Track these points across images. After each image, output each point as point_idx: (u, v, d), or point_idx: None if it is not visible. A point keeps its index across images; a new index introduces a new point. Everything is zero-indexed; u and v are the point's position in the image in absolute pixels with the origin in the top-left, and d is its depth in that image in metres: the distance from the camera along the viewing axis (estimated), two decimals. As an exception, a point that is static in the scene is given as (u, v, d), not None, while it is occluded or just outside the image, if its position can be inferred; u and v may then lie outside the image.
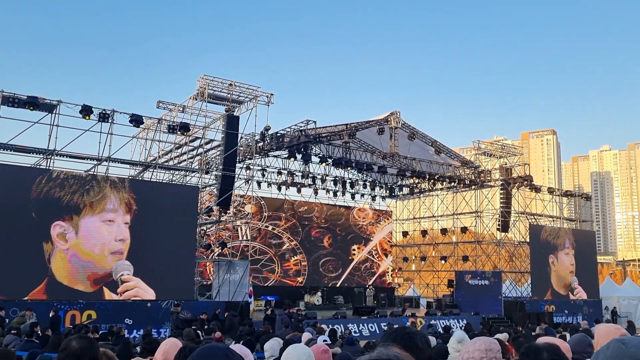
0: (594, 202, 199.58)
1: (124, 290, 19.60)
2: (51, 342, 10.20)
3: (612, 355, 2.09)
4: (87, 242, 19.29)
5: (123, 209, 20.10)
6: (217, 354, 1.99)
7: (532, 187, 32.65)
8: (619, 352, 2.08)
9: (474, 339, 3.43)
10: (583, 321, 24.83)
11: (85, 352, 3.08)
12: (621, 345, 2.10)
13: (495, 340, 3.51)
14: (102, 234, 19.64)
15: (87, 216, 19.35)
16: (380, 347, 1.69)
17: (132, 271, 19.94)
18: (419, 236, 38.58)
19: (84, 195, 19.34)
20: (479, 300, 29.83)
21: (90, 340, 3.19)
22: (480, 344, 3.29)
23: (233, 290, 22.48)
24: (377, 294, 32.01)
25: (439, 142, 30.46)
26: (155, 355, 4.44)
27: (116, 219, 19.96)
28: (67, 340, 3.15)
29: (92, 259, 19.31)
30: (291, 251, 32.92)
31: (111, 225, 19.80)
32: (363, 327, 23.34)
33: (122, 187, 20.33)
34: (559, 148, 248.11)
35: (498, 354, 3.29)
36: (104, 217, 19.71)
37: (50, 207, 18.86)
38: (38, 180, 18.80)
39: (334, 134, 27.42)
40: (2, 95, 18.86)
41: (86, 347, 3.10)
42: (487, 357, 3.21)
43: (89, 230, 19.37)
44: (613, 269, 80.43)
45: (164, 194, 21.49)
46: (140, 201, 20.55)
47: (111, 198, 19.88)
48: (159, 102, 26.03)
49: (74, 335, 3.24)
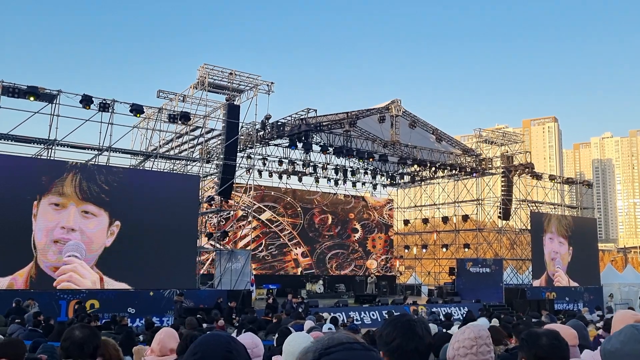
0: (595, 190, 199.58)
1: (60, 274, 18.56)
2: (55, 331, 10.27)
3: (624, 340, 2.14)
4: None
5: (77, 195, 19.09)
6: (218, 342, 2.00)
7: (533, 174, 32.62)
8: (632, 337, 2.13)
9: (462, 327, 3.44)
10: (584, 308, 24.94)
11: (88, 340, 3.13)
12: (634, 331, 2.14)
13: (484, 326, 3.51)
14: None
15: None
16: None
17: (82, 254, 18.91)
18: (420, 224, 38.64)
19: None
20: (480, 288, 29.95)
21: (92, 330, 3.24)
22: (469, 332, 3.30)
23: (235, 279, 22.58)
24: (379, 282, 32.11)
25: (440, 130, 30.40)
26: (151, 345, 4.48)
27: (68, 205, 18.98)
28: (70, 330, 3.19)
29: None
30: (292, 239, 32.98)
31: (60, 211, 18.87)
32: (365, 315, 23.44)
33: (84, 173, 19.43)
34: (561, 135, 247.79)
35: (488, 340, 3.30)
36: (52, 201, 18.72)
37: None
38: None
39: (335, 123, 27.37)
40: (2, 85, 18.81)
41: (89, 335, 3.14)
42: (477, 344, 3.22)
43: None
44: (614, 256, 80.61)
45: (165, 183, 21.50)
46: (141, 190, 20.55)
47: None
48: (160, 91, 26.01)
49: (77, 325, 3.27)
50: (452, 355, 3.29)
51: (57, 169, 19.13)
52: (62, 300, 18.15)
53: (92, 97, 20.13)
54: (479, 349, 3.23)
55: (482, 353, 3.23)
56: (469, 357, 3.21)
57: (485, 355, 3.23)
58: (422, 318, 3.06)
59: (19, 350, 4.41)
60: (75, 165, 19.54)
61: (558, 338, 2.95)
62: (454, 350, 3.28)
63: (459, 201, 35.95)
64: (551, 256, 32.04)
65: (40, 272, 18.36)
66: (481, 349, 3.23)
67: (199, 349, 1.98)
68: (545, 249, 31.85)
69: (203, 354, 1.96)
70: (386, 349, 2.32)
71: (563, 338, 2.99)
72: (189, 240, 21.58)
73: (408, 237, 39.58)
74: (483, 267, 30.99)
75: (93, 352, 3.16)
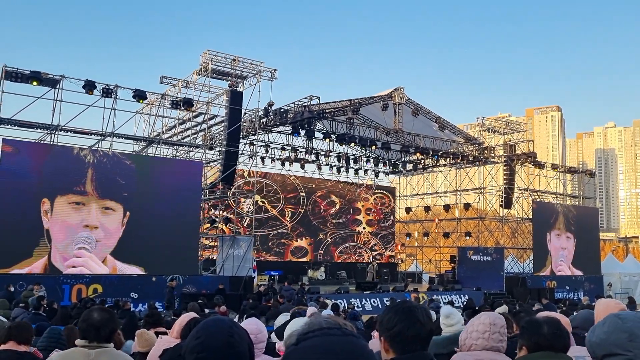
0: (598, 179, 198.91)
1: (70, 265, 18.71)
2: (59, 315, 10.35)
3: (608, 331, 2.11)
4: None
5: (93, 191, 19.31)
6: (220, 326, 2.01)
7: (535, 163, 32.54)
8: (616, 327, 2.09)
9: (481, 313, 3.47)
10: (584, 297, 24.98)
11: (106, 323, 3.17)
12: (617, 320, 2.11)
13: (500, 315, 3.54)
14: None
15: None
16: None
17: (92, 247, 19.13)
18: (422, 212, 38.64)
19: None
20: (481, 276, 30.01)
21: (110, 313, 3.28)
22: (485, 318, 3.33)
23: (237, 265, 22.65)
24: (380, 269, 32.20)
25: (443, 118, 30.31)
26: (173, 327, 4.58)
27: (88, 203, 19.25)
28: (88, 312, 3.24)
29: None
30: (294, 226, 33.05)
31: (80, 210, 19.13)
32: (366, 302, 23.54)
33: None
34: (564, 125, 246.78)
35: (502, 329, 3.31)
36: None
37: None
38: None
39: (338, 110, 27.28)
40: (5, 70, 18.79)
41: (107, 319, 3.20)
42: (490, 330, 3.24)
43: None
44: (615, 245, 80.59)
45: (168, 169, 21.52)
46: (144, 176, 20.59)
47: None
48: (162, 77, 25.93)
49: (96, 307, 3.33)
50: (464, 337, 3.32)
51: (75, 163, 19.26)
52: (66, 285, 18.28)
53: (95, 83, 20.10)
54: (491, 335, 3.25)
55: (493, 340, 3.25)
56: (480, 342, 3.24)
57: (496, 342, 3.25)
58: (424, 305, 3.05)
59: (27, 333, 4.47)
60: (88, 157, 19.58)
61: (559, 327, 2.94)
62: (467, 333, 3.32)
63: (461, 189, 35.92)
64: (558, 252, 32.09)
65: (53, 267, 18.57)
66: (494, 336, 3.25)
67: (202, 333, 1.99)
68: (552, 245, 31.87)
69: (205, 338, 1.97)
70: (387, 335, 2.33)
71: (564, 327, 2.98)
72: (192, 227, 21.63)
73: (410, 224, 39.62)
74: (484, 255, 31.03)
75: (109, 335, 3.20)
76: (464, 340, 3.32)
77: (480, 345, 3.20)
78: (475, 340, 3.27)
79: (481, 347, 3.20)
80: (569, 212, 33.51)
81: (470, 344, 3.24)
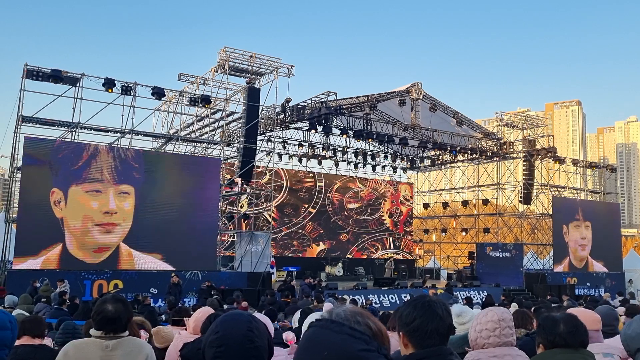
0: (619, 174, 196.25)
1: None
2: (80, 310, 10.47)
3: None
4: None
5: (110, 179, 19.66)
6: (239, 321, 2.03)
7: (555, 158, 32.17)
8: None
9: (485, 309, 3.43)
10: (605, 293, 24.66)
11: (121, 314, 3.17)
12: None
13: (507, 310, 3.50)
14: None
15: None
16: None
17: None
18: (440, 208, 38.44)
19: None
20: (500, 272, 29.78)
21: (125, 303, 3.26)
22: (492, 314, 3.28)
23: (255, 261, 22.75)
24: (397, 266, 32.11)
25: (460, 113, 30.09)
26: (188, 322, 4.60)
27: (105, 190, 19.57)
28: (101, 303, 3.21)
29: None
30: (312, 222, 33.07)
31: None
32: (384, 298, 23.49)
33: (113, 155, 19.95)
34: (584, 119, 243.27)
35: (511, 323, 3.29)
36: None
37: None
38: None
39: (355, 106, 27.22)
40: (26, 69, 19.07)
41: (122, 310, 3.18)
42: (500, 327, 3.22)
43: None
44: (637, 241, 79.43)
45: (187, 166, 21.68)
46: (163, 173, 20.77)
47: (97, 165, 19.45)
48: (180, 74, 26.08)
49: (110, 297, 3.29)
50: (474, 338, 3.28)
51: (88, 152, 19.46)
52: (87, 280, 18.54)
53: (114, 80, 20.31)
54: (502, 331, 3.22)
55: (505, 335, 3.22)
56: (492, 339, 3.21)
57: (508, 337, 3.23)
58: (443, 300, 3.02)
59: (40, 327, 4.54)
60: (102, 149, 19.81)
61: (575, 324, 2.90)
62: (476, 333, 3.27)
63: (479, 185, 35.64)
64: (577, 242, 31.72)
65: (67, 255, 18.78)
66: (504, 332, 3.22)
67: (220, 328, 2.01)
68: (570, 236, 31.47)
69: (224, 332, 1.99)
70: (406, 329, 2.33)
71: (581, 322, 2.94)
72: (210, 223, 21.77)
73: (427, 221, 39.43)
74: (503, 251, 30.77)
75: (124, 325, 3.20)
76: (475, 340, 3.28)
77: (492, 343, 3.18)
78: (487, 339, 3.24)
79: (494, 344, 3.18)
80: (589, 208, 33.11)
81: (482, 343, 3.21)
